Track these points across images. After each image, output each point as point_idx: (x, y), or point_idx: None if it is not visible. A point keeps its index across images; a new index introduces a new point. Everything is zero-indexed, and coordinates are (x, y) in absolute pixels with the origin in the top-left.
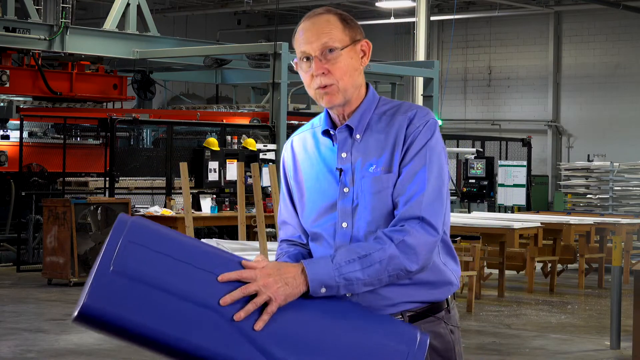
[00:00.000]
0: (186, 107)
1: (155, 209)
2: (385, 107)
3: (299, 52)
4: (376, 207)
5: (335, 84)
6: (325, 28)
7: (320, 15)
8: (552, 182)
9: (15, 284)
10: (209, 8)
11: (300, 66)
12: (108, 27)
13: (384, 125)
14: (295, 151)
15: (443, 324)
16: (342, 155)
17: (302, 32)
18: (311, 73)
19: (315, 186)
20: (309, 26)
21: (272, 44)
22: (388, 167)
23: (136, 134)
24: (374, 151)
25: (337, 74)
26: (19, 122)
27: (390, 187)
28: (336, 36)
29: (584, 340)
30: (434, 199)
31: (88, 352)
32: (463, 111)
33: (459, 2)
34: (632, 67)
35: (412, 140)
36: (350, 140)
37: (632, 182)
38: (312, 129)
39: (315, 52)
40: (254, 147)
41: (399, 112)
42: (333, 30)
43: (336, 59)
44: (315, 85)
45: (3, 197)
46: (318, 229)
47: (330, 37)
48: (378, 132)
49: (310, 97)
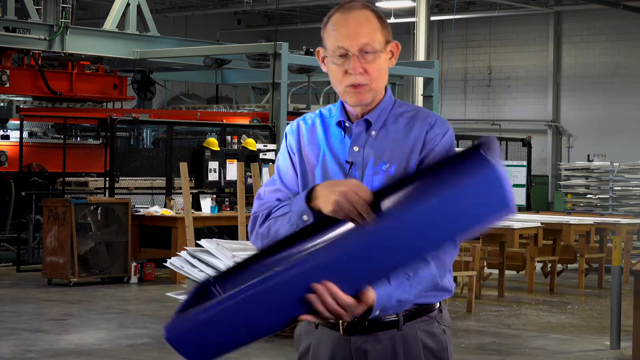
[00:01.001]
0: (186, 107)
1: (155, 209)
2: (401, 109)
3: (334, 46)
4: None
5: (369, 84)
6: (366, 27)
7: (359, 10)
8: (552, 182)
9: (15, 284)
10: (209, 8)
11: (332, 59)
12: (108, 27)
13: (401, 127)
14: (300, 133)
15: (436, 324)
16: (354, 149)
17: (341, 25)
18: (345, 69)
19: (320, 174)
20: (350, 21)
21: (272, 44)
22: (403, 169)
23: (136, 134)
24: (389, 150)
25: (373, 74)
26: (19, 122)
27: None
28: (376, 37)
29: (584, 340)
30: None
31: (88, 352)
32: (463, 111)
33: (459, 2)
34: (632, 67)
35: (431, 148)
36: (365, 136)
37: (632, 182)
38: (320, 117)
39: (355, 49)
40: (254, 147)
41: (418, 117)
42: (373, 30)
43: (374, 60)
44: (348, 82)
45: (3, 197)
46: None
47: (371, 37)
48: (394, 132)
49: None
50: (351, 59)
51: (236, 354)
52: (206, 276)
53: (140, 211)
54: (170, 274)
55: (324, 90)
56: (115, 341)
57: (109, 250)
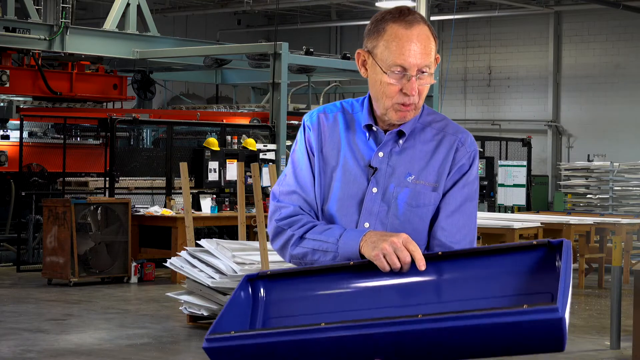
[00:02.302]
0: (186, 107)
1: (155, 209)
2: (429, 117)
3: (394, 62)
4: (411, 221)
5: (416, 103)
6: (428, 47)
7: (421, 26)
8: (552, 182)
9: (15, 284)
10: (209, 8)
11: (388, 74)
12: (108, 27)
13: (428, 138)
14: (322, 129)
15: None
16: (379, 155)
17: (404, 41)
18: (401, 87)
19: (340, 175)
20: (414, 38)
21: (272, 44)
22: (434, 185)
23: (136, 134)
24: (417, 161)
25: (422, 94)
26: (19, 122)
27: (431, 205)
28: (432, 58)
29: (584, 340)
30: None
31: (88, 352)
32: (463, 111)
33: (459, 2)
34: (632, 67)
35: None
36: (392, 143)
37: (632, 182)
38: (342, 113)
39: (414, 71)
40: (254, 147)
41: (447, 131)
42: (433, 51)
43: (426, 81)
44: (400, 100)
45: (3, 197)
46: (336, 215)
47: (430, 59)
48: (422, 143)
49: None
50: (409, 78)
51: None
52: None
53: (140, 211)
54: (170, 274)
55: (324, 90)
56: (115, 341)
57: (109, 250)
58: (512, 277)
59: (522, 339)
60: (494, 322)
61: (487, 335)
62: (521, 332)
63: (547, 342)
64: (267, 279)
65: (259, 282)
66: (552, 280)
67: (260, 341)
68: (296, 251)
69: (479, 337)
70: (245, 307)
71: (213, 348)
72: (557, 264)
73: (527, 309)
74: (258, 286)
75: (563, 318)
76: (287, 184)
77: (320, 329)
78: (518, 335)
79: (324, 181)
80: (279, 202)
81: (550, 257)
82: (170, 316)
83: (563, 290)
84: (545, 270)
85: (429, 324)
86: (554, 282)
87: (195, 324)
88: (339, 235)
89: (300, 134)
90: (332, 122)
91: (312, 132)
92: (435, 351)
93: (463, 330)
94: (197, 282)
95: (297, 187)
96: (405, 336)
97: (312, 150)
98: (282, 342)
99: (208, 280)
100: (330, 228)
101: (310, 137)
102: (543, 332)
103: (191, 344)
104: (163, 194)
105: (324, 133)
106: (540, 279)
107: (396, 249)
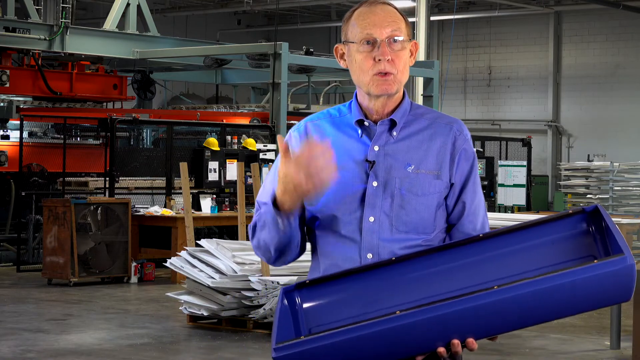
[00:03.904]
0: (186, 107)
1: (155, 209)
2: (419, 110)
3: (361, 34)
4: (417, 210)
5: (395, 74)
6: (394, 17)
7: (384, 4)
8: (552, 182)
9: (15, 284)
10: (209, 8)
11: (358, 48)
12: (108, 27)
13: (422, 127)
14: (309, 134)
15: None
16: (375, 148)
17: (368, 15)
18: (373, 56)
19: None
20: (377, 11)
21: (272, 44)
22: (436, 172)
23: (136, 134)
24: (414, 151)
25: (399, 64)
26: (19, 122)
27: (436, 193)
28: (402, 28)
29: (584, 340)
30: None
31: (88, 352)
32: (463, 111)
33: (459, 2)
34: (632, 67)
35: (469, 162)
36: (387, 135)
37: (632, 182)
38: (329, 117)
39: (383, 37)
40: (254, 147)
41: (440, 120)
42: (400, 22)
43: (400, 50)
44: (376, 70)
45: (3, 197)
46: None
47: (398, 27)
48: (417, 132)
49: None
50: (380, 45)
51: (236, 354)
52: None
53: (140, 211)
54: (170, 274)
55: (324, 90)
56: (115, 341)
57: (109, 250)
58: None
59: (594, 294)
60: (568, 281)
61: (561, 296)
62: (594, 287)
63: (617, 293)
64: (303, 288)
65: (295, 292)
66: (591, 244)
67: (335, 340)
68: (253, 242)
69: (553, 299)
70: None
71: (283, 357)
72: (591, 229)
73: (599, 263)
74: (294, 297)
75: (633, 265)
76: (263, 194)
77: (394, 318)
78: (590, 291)
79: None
80: (258, 214)
81: (585, 224)
82: (170, 316)
83: (623, 243)
84: (583, 236)
85: (505, 294)
86: (594, 246)
87: (196, 324)
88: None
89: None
90: (320, 128)
91: (299, 139)
92: (510, 320)
93: (538, 294)
94: (197, 282)
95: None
96: (482, 310)
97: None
98: (356, 337)
99: (208, 280)
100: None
101: (295, 145)
102: (614, 284)
103: (191, 344)
104: (163, 194)
105: (312, 139)
106: (580, 245)
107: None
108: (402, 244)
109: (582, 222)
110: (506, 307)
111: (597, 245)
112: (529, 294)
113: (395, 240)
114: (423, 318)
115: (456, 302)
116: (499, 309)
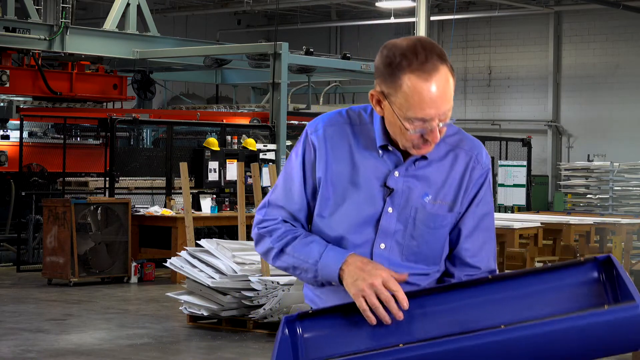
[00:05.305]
0: (186, 107)
1: (155, 209)
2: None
3: (414, 116)
4: (429, 242)
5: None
6: (448, 91)
7: (439, 73)
8: (552, 182)
9: (15, 284)
10: (209, 8)
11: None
12: (108, 27)
13: (442, 154)
14: (327, 140)
15: None
16: (395, 174)
17: (424, 96)
18: (421, 134)
19: (350, 194)
20: (433, 90)
21: (272, 44)
22: (451, 204)
23: (136, 134)
24: (433, 181)
25: (443, 133)
26: (19, 122)
27: (447, 226)
28: (452, 98)
29: None
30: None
31: (88, 352)
32: (463, 111)
33: (459, 2)
34: (632, 67)
35: (477, 189)
36: (409, 162)
37: (632, 182)
38: (350, 124)
39: (436, 121)
40: (254, 147)
41: (461, 147)
42: (452, 92)
43: (446, 122)
44: (420, 143)
45: (3, 197)
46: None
47: (451, 102)
48: (438, 160)
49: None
50: (432, 128)
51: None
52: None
53: (140, 211)
54: (170, 274)
55: (324, 90)
56: (115, 341)
57: (109, 250)
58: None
59: (604, 340)
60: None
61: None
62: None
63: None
64: (305, 319)
65: (297, 322)
66: (602, 292)
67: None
68: (277, 264)
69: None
70: (287, 349)
71: None
72: (601, 278)
73: (609, 309)
74: (295, 327)
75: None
76: (276, 196)
77: (401, 350)
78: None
79: (331, 199)
80: (265, 212)
81: (596, 272)
82: (170, 316)
83: (634, 291)
84: (593, 284)
85: (511, 334)
86: (605, 295)
87: (196, 324)
88: (319, 255)
89: (301, 145)
90: (339, 135)
91: (317, 144)
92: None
93: (546, 336)
94: (197, 282)
95: (285, 202)
96: (488, 349)
97: (314, 164)
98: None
99: (208, 280)
100: (310, 244)
101: (312, 151)
102: (625, 331)
103: (191, 344)
104: (163, 194)
105: (330, 147)
106: (591, 293)
107: (376, 290)
108: (411, 271)
109: (593, 271)
110: (512, 347)
111: (608, 293)
112: (537, 336)
113: (405, 268)
114: (427, 352)
115: (462, 339)
116: (505, 349)
